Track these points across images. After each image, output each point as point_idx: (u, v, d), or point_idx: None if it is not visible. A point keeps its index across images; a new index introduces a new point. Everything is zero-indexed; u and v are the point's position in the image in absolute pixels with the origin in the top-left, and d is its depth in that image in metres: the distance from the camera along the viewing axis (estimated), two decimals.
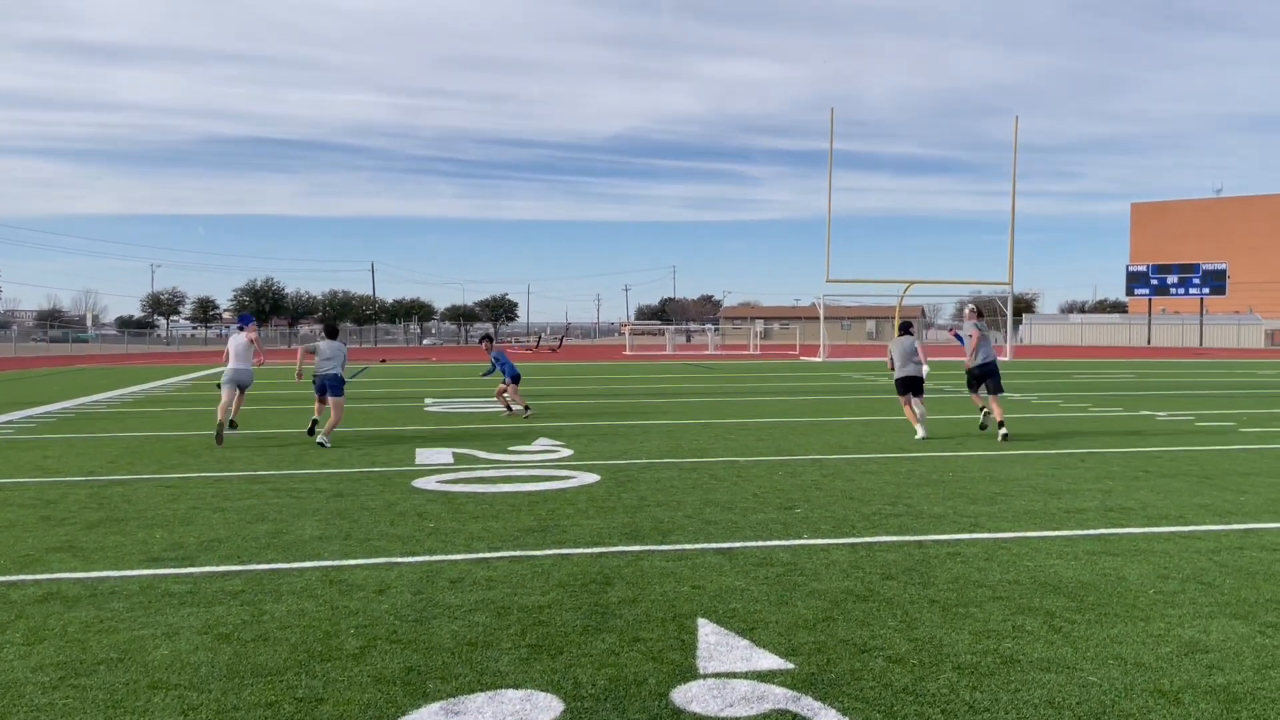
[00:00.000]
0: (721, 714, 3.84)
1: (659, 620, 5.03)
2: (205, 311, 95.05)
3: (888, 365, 13.87)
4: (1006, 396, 19.45)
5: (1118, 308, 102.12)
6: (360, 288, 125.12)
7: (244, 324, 14.15)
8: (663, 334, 74.59)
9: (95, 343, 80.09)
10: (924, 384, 13.36)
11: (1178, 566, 6.11)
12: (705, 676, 4.24)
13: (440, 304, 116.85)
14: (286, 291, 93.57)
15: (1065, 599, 5.39)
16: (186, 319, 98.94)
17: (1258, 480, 9.46)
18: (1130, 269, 78.00)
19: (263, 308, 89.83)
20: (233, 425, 13.41)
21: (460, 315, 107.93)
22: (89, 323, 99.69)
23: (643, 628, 4.91)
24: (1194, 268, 73.90)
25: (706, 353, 55.63)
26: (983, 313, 14.73)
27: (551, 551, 6.54)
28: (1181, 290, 74.01)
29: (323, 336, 13.50)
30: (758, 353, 55.63)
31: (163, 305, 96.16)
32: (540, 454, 11.48)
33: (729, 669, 4.33)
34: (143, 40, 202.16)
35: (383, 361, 42.30)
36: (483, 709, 3.90)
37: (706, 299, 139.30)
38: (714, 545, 6.71)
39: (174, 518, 7.73)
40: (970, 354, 13.49)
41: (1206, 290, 72.81)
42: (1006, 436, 12.58)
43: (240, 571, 6.04)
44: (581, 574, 5.95)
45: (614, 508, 8.06)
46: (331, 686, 4.13)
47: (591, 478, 9.61)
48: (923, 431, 12.86)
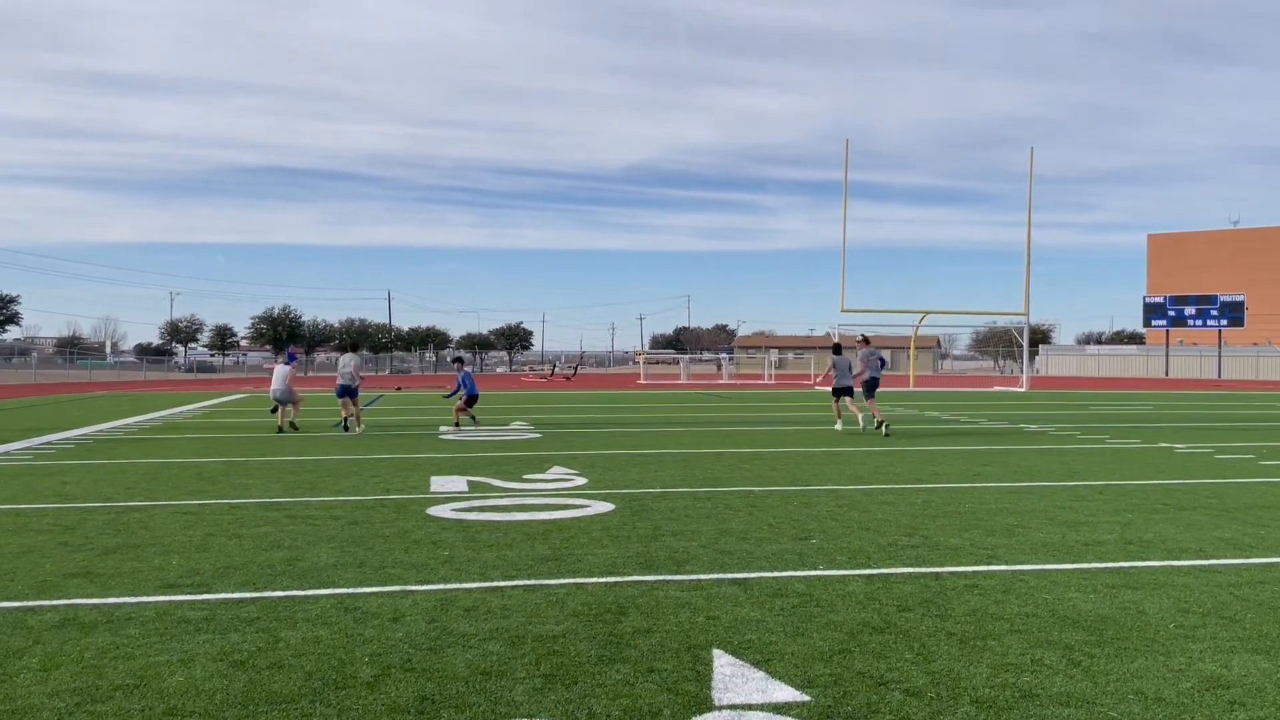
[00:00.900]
0: None
1: (674, 651, 5.01)
2: (223, 339, 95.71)
3: (828, 374, 19.16)
4: (1024, 428, 19.47)
5: (1135, 339, 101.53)
6: (377, 316, 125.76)
7: (291, 360, 19.95)
8: (677, 363, 74.59)
9: (114, 369, 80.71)
10: (854, 391, 19.04)
11: (1198, 600, 6.04)
12: (720, 708, 4.21)
13: (456, 332, 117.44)
14: (303, 320, 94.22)
15: (1084, 632, 5.34)
16: (204, 346, 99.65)
17: (1278, 513, 9.36)
18: (1147, 300, 77.64)
19: (280, 335, 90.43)
20: (293, 427, 18.45)
21: (476, 344, 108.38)
22: (108, 350, 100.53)
23: (657, 658, 4.89)
24: (1212, 299, 73.50)
25: (721, 382, 55.59)
26: (869, 340, 20.31)
27: (566, 581, 6.52)
28: (1199, 322, 73.58)
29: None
30: (772, 382, 55.57)
31: (181, 333, 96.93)
32: (555, 483, 11.47)
33: (744, 700, 4.30)
34: (165, 71, 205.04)
35: (398, 389, 42.44)
36: None
37: (721, 328, 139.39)
38: (729, 575, 6.68)
39: (190, 544, 7.75)
40: (860, 374, 18.79)
41: (1224, 322, 72.37)
42: (888, 432, 17.64)
43: (255, 598, 6.05)
44: (596, 603, 5.93)
45: (629, 537, 8.04)
46: (345, 715, 4.13)
47: (606, 507, 9.59)
48: (840, 426, 18.38)
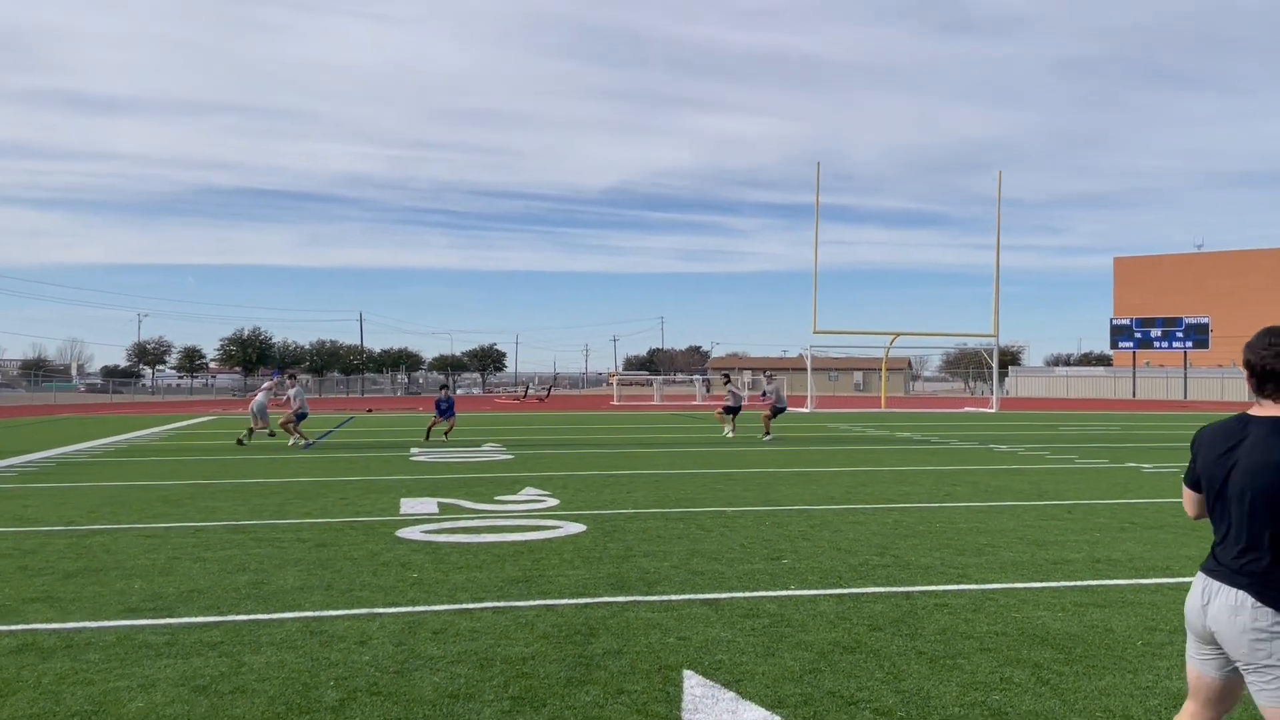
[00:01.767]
0: None
1: (644, 672, 4.97)
2: (191, 361, 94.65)
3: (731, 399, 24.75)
4: (994, 449, 19.64)
5: (1102, 361, 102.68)
6: (349, 337, 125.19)
7: (275, 375, 24.57)
8: (650, 384, 74.63)
9: (80, 392, 79.62)
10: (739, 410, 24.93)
11: (1165, 618, 6.08)
12: None
13: (429, 354, 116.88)
14: (274, 341, 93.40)
15: (1053, 650, 5.36)
16: (172, 368, 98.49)
17: None
18: (1114, 322, 78.66)
19: (249, 357, 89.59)
20: (271, 434, 21.99)
21: (449, 365, 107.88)
22: (74, 372, 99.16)
23: (627, 680, 4.85)
24: (1177, 321, 74.57)
25: (694, 403, 55.60)
26: (773, 376, 26.30)
27: (536, 602, 6.47)
28: (1165, 344, 74.59)
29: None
30: (746, 404, 55.66)
31: (148, 355, 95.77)
32: (526, 504, 11.41)
33: None
34: (136, 91, 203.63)
35: (369, 411, 42.09)
36: None
37: (694, 349, 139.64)
38: (700, 596, 6.66)
39: (153, 568, 7.63)
40: (770, 402, 23.55)
41: (1190, 343, 73.39)
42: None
43: (219, 622, 5.95)
44: (566, 625, 5.88)
45: (600, 558, 8.00)
46: None
47: (578, 528, 9.54)
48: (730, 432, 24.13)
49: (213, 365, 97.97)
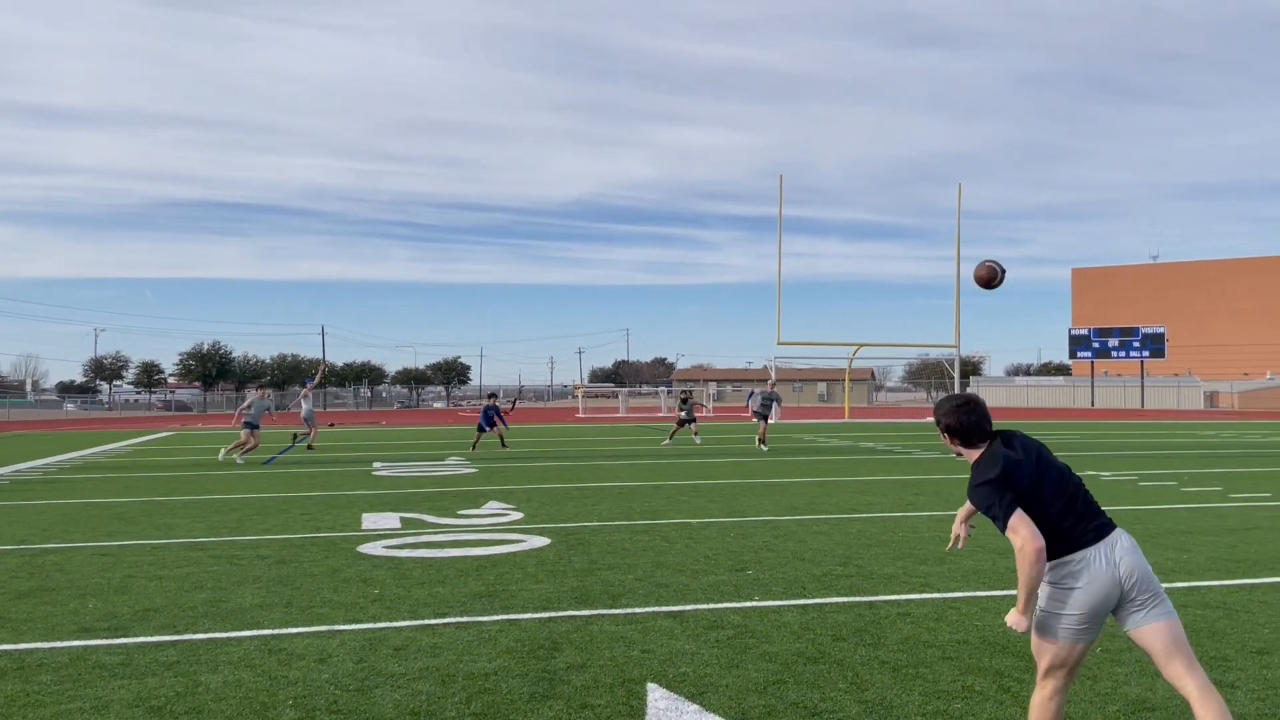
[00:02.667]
0: None
1: (608, 686, 4.95)
2: (149, 376, 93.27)
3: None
4: (956, 458, 19.83)
5: (1061, 370, 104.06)
6: (311, 351, 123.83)
7: (308, 383, 27.41)
8: (615, 396, 74.48)
9: (35, 408, 78.16)
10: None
11: None
12: None
13: (392, 367, 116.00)
14: (234, 355, 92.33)
15: (1014, 659, 5.40)
16: (130, 384, 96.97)
17: (1199, 539, 9.62)
18: (1072, 332, 79.79)
19: (209, 372, 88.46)
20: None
21: (412, 378, 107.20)
22: (29, 388, 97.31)
23: (591, 694, 4.82)
24: (1134, 331, 75.79)
25: (660, 414, 55.64)
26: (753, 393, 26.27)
27: (499, 617, 6.42)
28: (1122, 353, 75.77)
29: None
30: (711, 414, 55.77)
31: (105, 370, 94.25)
32: (490, 518, 11.34)
33: None
34: (94, 103, 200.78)
35: (331, 425, 41.61)
36: None
37: (660, 361, 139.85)
38: (665, 608, 6.64)
39: (108, 586, 7.49)
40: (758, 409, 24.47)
41: (1146, 353, 74.62)
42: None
43: (175, 641, 5.85)
44: (530, 640, 5.85)
45: (564, 571, 7.97)
46: None
47: (542, 541, 9.50)
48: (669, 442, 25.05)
49: (172, 380, 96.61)
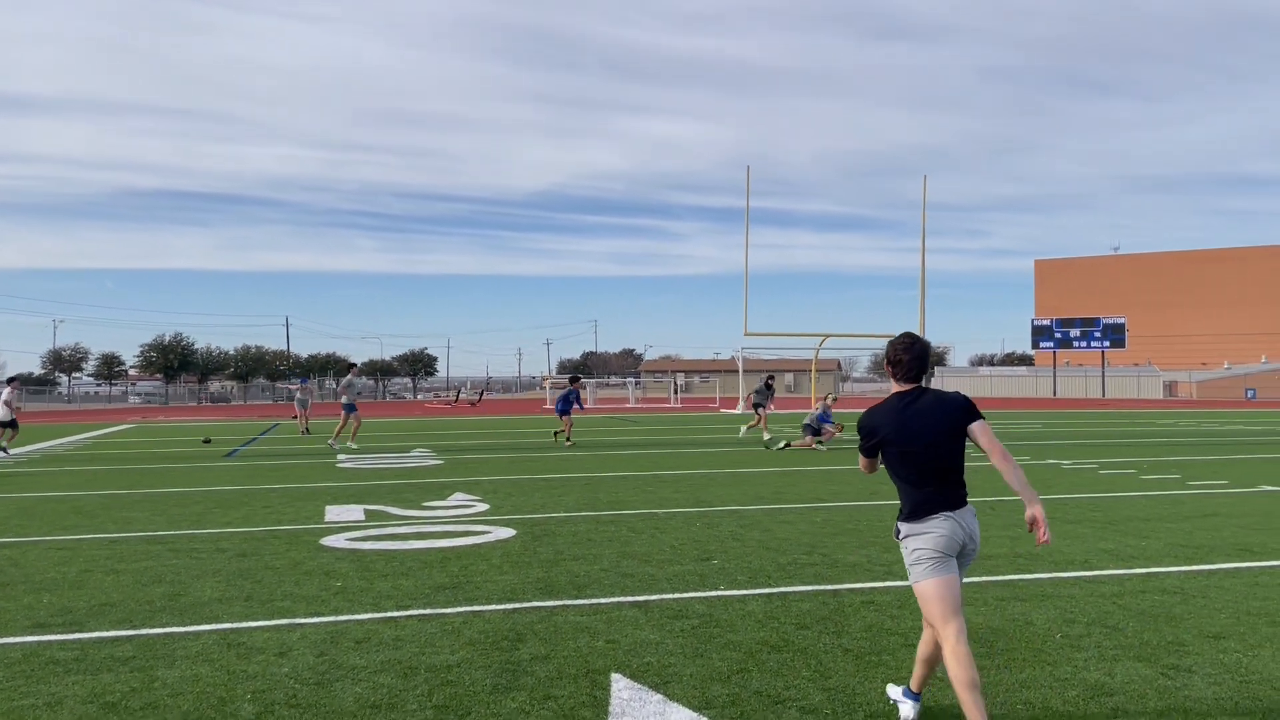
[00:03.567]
0: None
1: (571, 677, 4.92)
2: (110, 368, 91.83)
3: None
4: None
5: (1024, 360, 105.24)
6: (275, 343, 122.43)
7: (304, 382, 31.67)
8: (584, 388, 74.31)
9: None
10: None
11: (1083, 611, 6.23)
12: None
13: (359, 359, 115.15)
14: (196, 347, 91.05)
15: (975, 644, 5.44)
16: (90, 376, 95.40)
17: (1158, 525, 9.75)
18: (1035, 323, 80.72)
19: (171, 364, 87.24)
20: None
21: (378, 370, 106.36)
22: None
23: (554, 685, 4.80)
24: (1095, 321, 76.80)
25: (627, 406, 55.65)
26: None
27: (463, 609, 6.38)
28: (1084, 343, 76.76)
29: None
30: (678, 405, 55.82)
31: (64, 362, 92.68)
32: (455, 509, 11.27)
33: None
34: (54, 91, 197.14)
35: (294, 417, 41.22)
36: None
37: (628, 353, 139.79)
38: (630, 599, 6.63)
39: (64, 581, 7.35)
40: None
41: (1107, 343, 75.64)
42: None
43: (132, 636, 5.75)
44: (493, 631, 5.81)
45: (529, 562, 7.93)
46: None
47: (507, 532, 9.45)
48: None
49: (132, 372, 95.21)
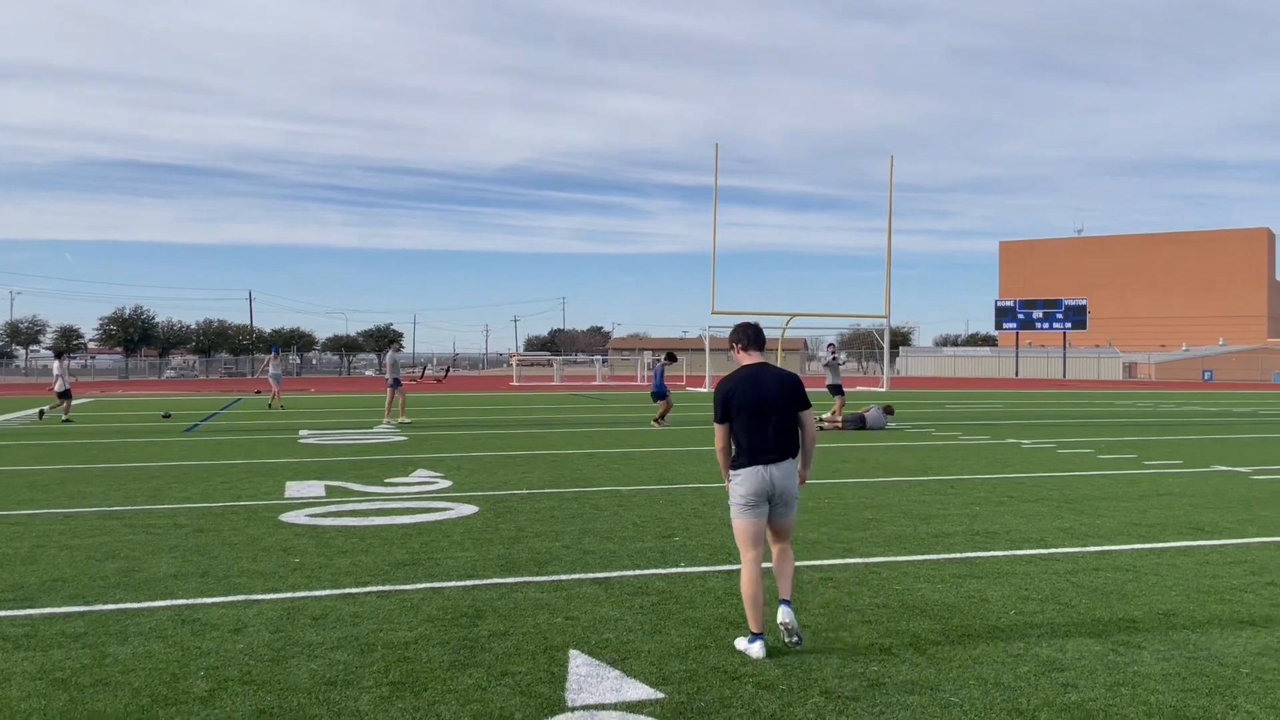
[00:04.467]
0: None
1: (530, 653, 4.92)
2: (68, 341, 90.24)
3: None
4: (893, 427, 20.14)
5: (988, 341, 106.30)
6: (238, 317, 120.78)
7: (276, 351, 30.58)
8: (550, 365, 73.93)
9: None
10: None
11: (1037, 588, 6.31)
12: (573, 709, 4.15)
13: (323, 334, 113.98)
14: (157, 320, 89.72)
15: (930, 621, 5.50)
16: (48, 349, 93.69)
17: (1112, 504, 9.90)
18: (999, 304, 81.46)
19: (131, 338, 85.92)
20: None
21: (342, 346, 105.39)
22: None
23: (512, 661, 4.79)
24: (1057, 303, 77.63)
25: (595, 383, 55.59)
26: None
27: (422, 585, 6.35)
28: (1046, 324, 77.62)
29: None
30: (646, 384, 55.84)
31: (21, 335, 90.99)
32: (418, 486, 11.21)
33: (598, 701, 4.25)
34: (13, 57, 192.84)
35: (257, 393, 40.73)
36: None
37: (596, 330, 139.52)
38: (591, 575, 6.63)
39: (15, 556, 7.23)
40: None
41: (1069, 325, 76.55)
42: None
43: (84, 612, 5.67)
44: (452, 608, 5.79)
45: (491, 539, 7.91)
46: None
47: (470, 509, 9.42)
48: None
49: (92, 345, 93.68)
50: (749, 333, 5.40)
